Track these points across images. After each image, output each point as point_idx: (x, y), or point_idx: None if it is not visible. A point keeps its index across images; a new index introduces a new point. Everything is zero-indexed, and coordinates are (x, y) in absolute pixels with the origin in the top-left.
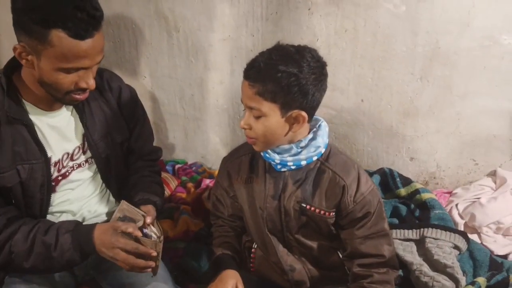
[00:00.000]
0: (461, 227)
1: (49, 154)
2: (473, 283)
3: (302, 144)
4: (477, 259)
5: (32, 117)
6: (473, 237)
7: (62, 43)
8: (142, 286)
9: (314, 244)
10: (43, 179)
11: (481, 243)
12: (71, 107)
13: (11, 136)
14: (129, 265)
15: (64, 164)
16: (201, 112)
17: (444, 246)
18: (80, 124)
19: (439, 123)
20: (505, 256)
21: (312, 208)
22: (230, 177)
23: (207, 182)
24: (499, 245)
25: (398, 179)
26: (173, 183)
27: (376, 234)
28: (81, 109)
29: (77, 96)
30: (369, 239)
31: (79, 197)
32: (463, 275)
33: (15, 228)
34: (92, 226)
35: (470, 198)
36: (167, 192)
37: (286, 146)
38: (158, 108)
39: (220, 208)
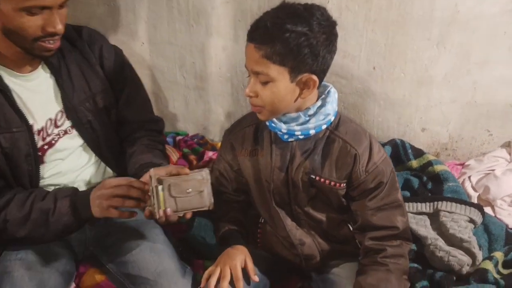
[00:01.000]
0: (475, 200)
1: (30, 122)
2: (490, 258)
3: (311, 112)
4: (493, 233)
5: (7, 81)
6: (487, 210)
7: None
8: (146, 263)
9: (323, 217)
10: (28, 149)
11: (495, 216)
12: (48, 69)
13: None
14: (123, 201)
15: (49, 132)
16: (203, 81)
17: (459, 220)
18: (57, 87)
19: (454, 92)
20: None
21: (322, 180)
22: (233, 149)
23: (209, 154)
24: None
25: (410, 150)
26: (174, 155)
27: (389, 205)
28: (57, 70)
29: (48, 45)
30: (382, 211)
31: (72, 168)
32: (479, 250)
33: (10, 197)
34: (90, 189)
35: (483, 170)
36: None
37: (294, 115)
38: (157, 76)
39: (224, 183)
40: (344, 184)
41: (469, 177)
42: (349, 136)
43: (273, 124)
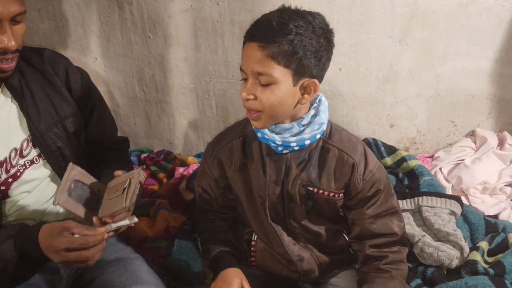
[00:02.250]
0: (449, 191)
1: None
2: (476, 249)
3: (304, 121)
4: (472, 222)
5: None
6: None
7: None
8: None
9: (320, 229)
10: None
11: (470, 204)
12: (9, 93)
13: None
14: (86, 262)
15: (13, 163)
16: (165, 94)
17: (441, 214)
18: (21, 113)
19: (418, 87)
20: (495, 216)
21: (320, 191)
22: (221, 165)
23: (180, 170)
24: (488, 206)
25: (382, 148)
26: None
27: (386, 212)
28: (19, 93)
29: (4, 65)
30: (380, 218)
31: (39, 200)
32: (465, 241)
33: None
34: (37, 226)
35: (453, 161)
36: None
37: (287, 125)
38: (114, 92)
39: (208, 200)
40: (342, 194)
41: (440, 169)
42: (344, 145)
43: (265, 136)
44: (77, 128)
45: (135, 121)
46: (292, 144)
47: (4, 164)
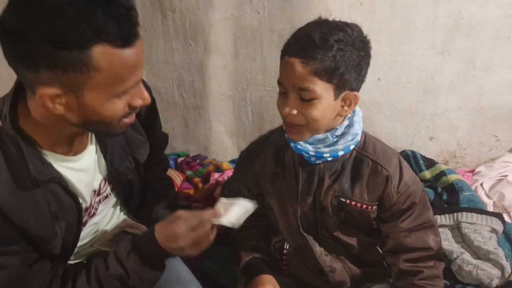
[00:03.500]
0: (490, 208)
1: (80, 202)
2: None
3: (338, 132)
4: None
5: (58, 168)
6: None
7: (110, 60)
8: None
9: (353, 241)
10: (77, 230)
11: None
12: (94, 139)
13: (43, 198)
14: (208, 238)
15: (93, 204)
16: (202, 100)
17: (482, 231)
18: (102, 158)
19: (460, 99)
20: None
21: (353, 203)
22: (255, 175)
23: (215, 176)
24: None
25: (421, 161)
26: (178, 179)
27: (421, 226)
28: (104, 140)
29: (128, 120)
30: (415, 231)
31: (99, 225)
32: (507, 261)
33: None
34: (151, 230)
35: (495, 176)
36: None
37: (321, 136)
38: (154, 97)
39: None
40: (376, 207)
41: (481, 184)
42: (379, 156)
43: (298, 146)
44: (146, 158)
45: (173, 125)
46: (325, 155)
47: (88, 209)
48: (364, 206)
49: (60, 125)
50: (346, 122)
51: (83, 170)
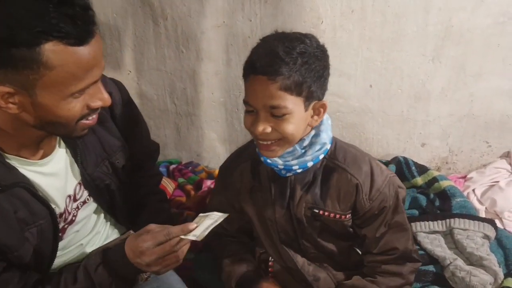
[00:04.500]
0: (482, 213)
1: (53, 207)
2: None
3: (305, 143)
4: (507, 247)
5: (25, 172)
6: None
7: (62, 58)
8: None
9: (333, 248)
10: (52, 237)
11: (504, 228)
12: (63, 144)
13: (10, 204)
14: (176, 256)
15: (69, 210)
16: (195, 107)
17: (474, 237)
18: (73, 159)
19: (452, 106)
20: None
21: (326, 213)
22: (234, 188)
23: (208, 183)
24: None
25: (413, 167)
26: (170, 186)
27: (392, 230)
28: (73, 143)
29: (88, 122)
30: (384, 236)
31: (83, 234)
32: (499, 267)
33: None
34: (121, 244)
35: (487, 182)
36: None
37: (289, 148)
38: (146, 104)
39: (224, 225)
40: (349, 215)
41: (473, 190)
42: (348, 164)
43: (268, 160)
44: (124, 162)
45: (165, 132)
46: (294, 167)
47: (63, 215)
48: (338, 215)
49: (21, 128)
50: (312, 132)
51: (52, 174)
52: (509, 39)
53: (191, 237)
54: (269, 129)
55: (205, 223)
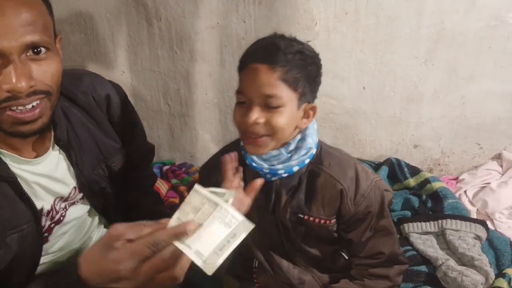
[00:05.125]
0: (474, 215)
1: (39, 206)
2: (503, 275)
3: (291, 147)
4: (498, 248)
5: (15, 170)
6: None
7: None
8: None
9: (317, 252)
10: (35, 240)
11: (495, 229)
12: (57, 147)
13: None
14: (172, 272)
15: (57, 209)
16: (188, 108)
17: (466, 238)
18: (69, 162)
19: (444, 108)
20: None
21: (311, 218)
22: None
23: None
24: None
25: (406, 169)
26: (163, 187)
27: (378, 234)
28: (67, 146)
29: (16, 114)
30: (370, 240)
31: (74, 238)
32: (490, 267)
33: None
34: (73, 264)
35: (478, 184)
36: None
37: (275, 152)
38: (139, 105)
39: None
40: (334, 220)
41: (465, 192)
42: (333, 169)
43: (254, 164)
44: (120, 166)
45: (158, 133)
46: (279, 172)
47: (50, 213)
48: (322, 221)
49: None
50: (298, 136)
51: (43, 175)
52: (501, 42)
53: (191, 252)
54: (262, 120)
55: (213, 229)
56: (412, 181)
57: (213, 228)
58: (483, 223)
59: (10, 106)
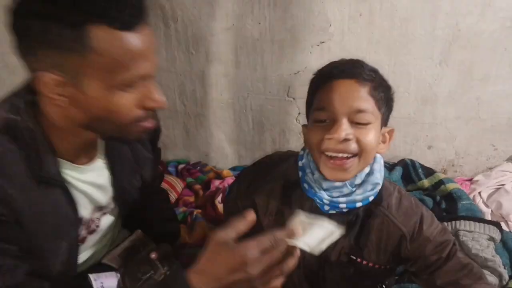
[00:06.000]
0: (488, 216)
1: (80, 215)
2: None
3: (358, 181)
4: None
5: (66, 176)
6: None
7: (107, 42)
8: None
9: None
10: (73, 251)
11: (510, 231)
12: (103, 156)
13: (49, 204)
14: (279, 271)
15: (93, 218)
16: (203, 108)
17: (480, 239)
18: (108, 172)
19: (458, 109)
20: None
21: (365, 262)
22: (255, 208)
23: (216, 183)
24: None
25: (420, 170)
26: (179, 185)
27: (461, 276)
28: (111, 154)
29: (146, 124)
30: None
31: (96, 242)
32: (504, 268)
33: None
34: (181, 270)
35: (493, 185)
36: (174, 196)
37: (338, 183)
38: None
39: None
40: (389, 266)
41: (479, 193)
42: (399, 216)
43: (312, 191)
44: (150, 177)
45: (174, 133)
46: (341, 205)
47: (88, 223)
48: (377, 266)
49: (70, 127)
50: (366, 170)
51: (88, 182)
52: None
53: (302, 245)
54: (351, 136)
55: (317, 233)
56: (426, 182)
57: (314, 231)
58: (497, 224)
59: (144, 119)
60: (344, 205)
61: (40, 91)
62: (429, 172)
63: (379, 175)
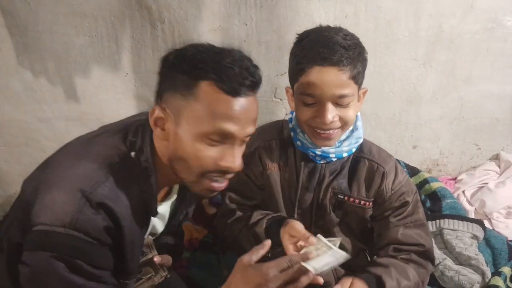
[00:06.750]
0: (472, 214)
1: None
2: (499, 274)
3: (343, 137)
4: (495, 247)
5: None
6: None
7: (209, 96)
8: None
9: (347, 244)
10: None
11: (493, 229)
12: (175, 193)
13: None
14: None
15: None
16: None
17: (463, 237)
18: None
19: (442, 109)
20: None
21: (351, 199)
22: (261, 162)
23: None
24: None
25: (405, 169)
26: None
27: (413, 224)
28: (182, 192)
29: (215, 184)
30: (406, 228)
31: None
32: (487, 266)
33: None
34: None
35: (476, 184)
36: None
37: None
38: (143, 106)
39: (242, 201)
40: (372, 203)
41: (463, 192)
42: (374, 156)
43: (305, 146)
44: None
45: None
46: (331, 156)
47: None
48: (362, 202)
49: (164, 165)
50: (350, 128)
51: (161, 214)
52: (498, 44)
53: (310, 267)
54: (336, 118)
55: (325, 258)
56: None
57: (325, 257)
58: (480, 222)
59: (215, 177)
60: (333, 155)
61: (151, 122)
62: (414, 171)
63: (361, 131)
